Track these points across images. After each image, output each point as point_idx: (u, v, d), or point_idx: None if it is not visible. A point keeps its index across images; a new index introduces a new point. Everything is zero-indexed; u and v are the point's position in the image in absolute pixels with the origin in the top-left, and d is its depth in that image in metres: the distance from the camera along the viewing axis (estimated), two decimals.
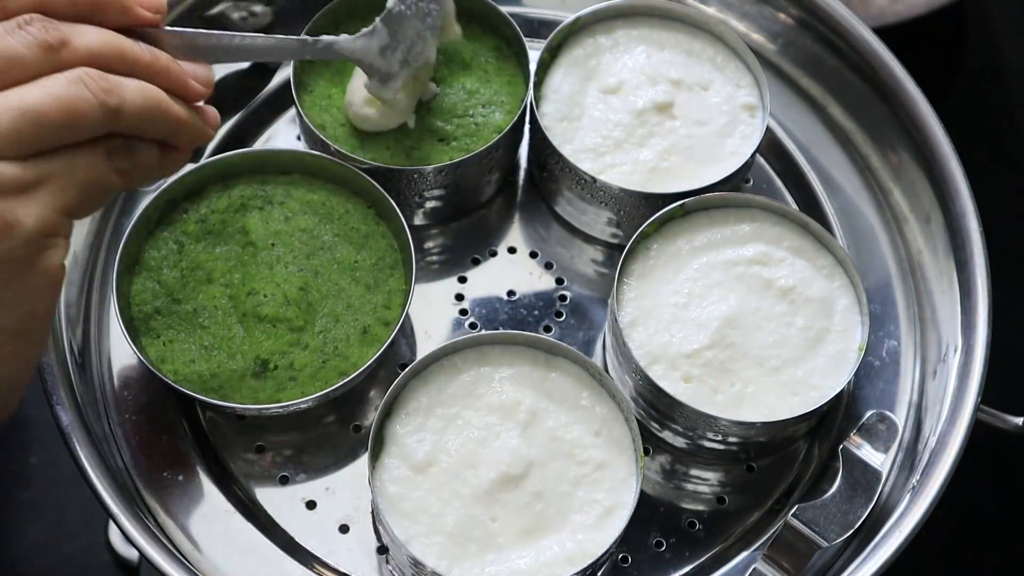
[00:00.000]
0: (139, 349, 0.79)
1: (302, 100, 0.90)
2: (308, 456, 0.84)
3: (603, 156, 0.90)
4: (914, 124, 0.93)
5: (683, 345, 0.82)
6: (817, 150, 0.99)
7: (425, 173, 0.87)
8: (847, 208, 0.96)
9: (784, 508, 0.84)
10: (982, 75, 1.32)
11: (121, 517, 0.75)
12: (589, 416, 0.80)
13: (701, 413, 0.79)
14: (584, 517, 0.77)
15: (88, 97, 0.60)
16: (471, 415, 0.79)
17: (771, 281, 0.85)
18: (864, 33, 0.96)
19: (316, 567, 0.80)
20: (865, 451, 0.81)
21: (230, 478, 0.83)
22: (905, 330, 0.91)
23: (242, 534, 0.81)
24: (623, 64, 0.93)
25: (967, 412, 0.81)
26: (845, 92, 0.98)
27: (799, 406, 0.81)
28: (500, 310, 0.90)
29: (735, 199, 0.88)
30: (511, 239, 0.94)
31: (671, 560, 0.82)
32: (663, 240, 0.87)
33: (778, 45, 1.01)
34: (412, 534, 0.75)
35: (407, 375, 0.80)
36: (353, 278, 0.84)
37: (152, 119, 0.64)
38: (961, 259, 0.88)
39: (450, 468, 0.77)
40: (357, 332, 0.82)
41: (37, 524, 1.07)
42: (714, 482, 0.85)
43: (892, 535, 0.77)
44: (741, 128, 0.92)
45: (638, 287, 0.85)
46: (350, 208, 0.86)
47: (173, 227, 0.84)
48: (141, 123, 0.63)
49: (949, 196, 0.90)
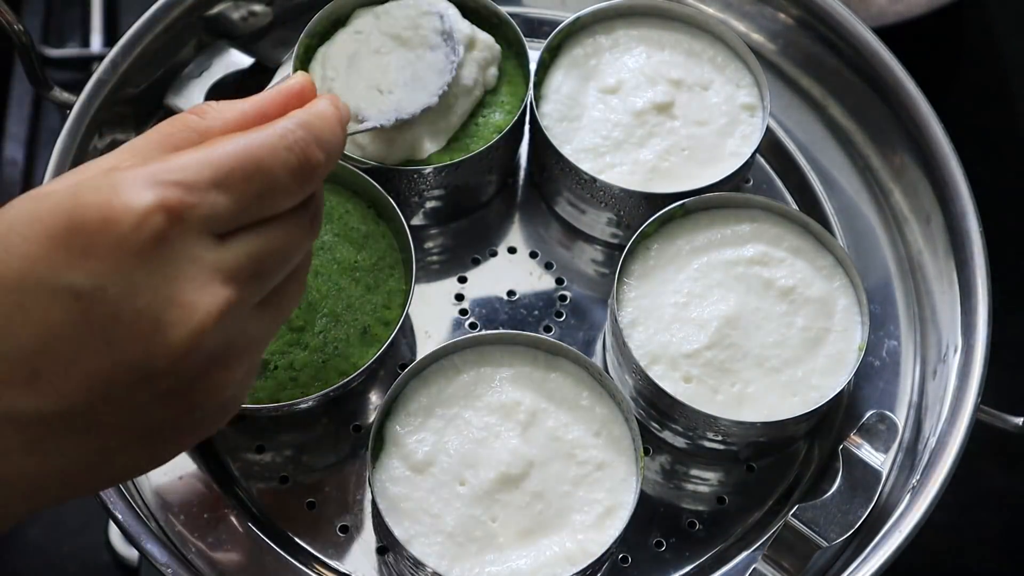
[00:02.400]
0: None
1: None
2: (308, 456, 0.84)
3: (603, 156, 0.90)
4: (914, 124, 0.93)
5: (683, 345, 0.82)
6: (817, 150, 0.99)
7: (425, 173, 0.87)
8: (847, 208, 0.96)
9: (784, 508, 0.84)
10: (982, 75, 1.32)
11: (121, 517, 0.75)
12: (589, 416, 0.80)
13: (701, 413, 0.79)
14: (584, 517, 0.77)
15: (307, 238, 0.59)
16: (471, 415, 0.79)
17: (771, 281, 0.85)
18: (864, 33, 0.96)
19: (316, 567, 0.80)
20: (865, 451, 0.81)
21: (230, 478, 0.83)
22: (905, 330, 0.91)
23: (242, 534, 0.81)
24: (623, 64, 0.93)
25: (967, 412, 0.81)
26: (845, 92, 0.98)
27: (799, 406, 0.81)
28: (500, 310, 0.90)
29: (735, 199, 0.88)
30: (511, 239, 0.94)
31: (671, 560, 0.82)
32: (663, 240, 0.87)
33: (778, 45, 1.01)
34: (412, 534, 0.75)
35: (407, 375, 0.80)
36: (353, 278, 0.84)
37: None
38: (961, 259, 0.88)
39: (450, 468, 0.77)
40: (357, 332, 0.82)
41: (37, 524, 1.07)
42: (714, 482, 0.85)
43: (892, 535, 0.77)
44: (741, 128, 0.92)
45: (638, 287, 0.85)
46: (350, 208, 0.86)
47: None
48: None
49: (949, 196, 0.90)
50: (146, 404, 0.53)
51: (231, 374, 0.55)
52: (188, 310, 0.51)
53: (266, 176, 0.54)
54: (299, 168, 0.56)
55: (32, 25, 1.28)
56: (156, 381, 0.52)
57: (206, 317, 0.52)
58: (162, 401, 0.53)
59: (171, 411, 0.54)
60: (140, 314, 0.50)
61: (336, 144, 0.59)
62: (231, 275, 0.53)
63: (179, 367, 0.52)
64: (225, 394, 0.55)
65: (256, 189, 0.54)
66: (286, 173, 0.55)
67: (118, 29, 1.29)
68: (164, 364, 0.51)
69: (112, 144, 0.91)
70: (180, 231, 0.51)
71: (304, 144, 0.56)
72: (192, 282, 0.51)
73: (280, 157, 0.55)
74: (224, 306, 0.52)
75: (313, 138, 0.56)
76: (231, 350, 0.54)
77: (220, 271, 0.53)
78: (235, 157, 0.53)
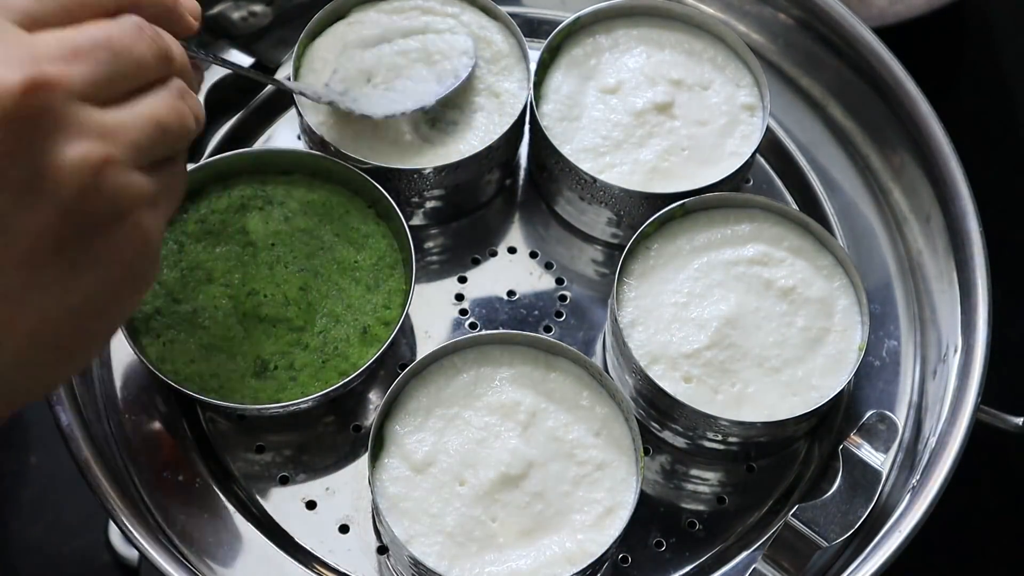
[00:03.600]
0: (139, 349, 0.79)
1: (302, 100, 0.90)
2: (308, 456, 0.84)
3: (603, 156, 0.90)
4: (914, 124, 0.93)
5: (683, 345, 0.82)
6: (817, 150, 0.99)
7: (425, 173, 0.87)
8: (847, 208, 0.96)
9: (784, 508, 0.84)
10: (982, 75, 1.32)
11: (121, 517, 0.75)
12: (589, 416, 0.80)
13: (701, 413, 0.79)
14: (584, 517, 0.77)
15: (185, 111, 0.62)
16: (471, 415, 0.79)
17: (771, 281, 0.85)
18: (864, 33, 0.96)
19: (316, 567, 0.80)
20: (865, 451, 0.81)
21: (230, 478, 0.83)
22: (905, 330, 0.91)
23: (242, 534, 0.81)
24: (623, 64, 0.93)
25: (967, 412, 0.81)
26: (845, 92, 0.98)
27: (799, 406, 0.81)
28: (500, 310, 0.90)
29: (735, 199, 0.88)
30: (511, 239, 0.94)
31: (671, 560, 0.82)
32: (663, 240, 0.87)
33: (778, 45, 1.01)
34: (412, 534, 0.75)
35: (407, 375, 0.80)
36: (353, 278, 0.84)
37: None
38: (961, 259, 0.88)
39: (450, 468, 0.77)
40: (357, 332, 0.82)
41: (37, 524, 1.07)
42: (714, 482, 0.85)
43: (892, 535, 0.77)
44: (741, 128, 0.92)
45: (638, 287, 0.85)
46: (350, 208, 0.86)
47: (173, 227, 0.84)
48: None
49: (949, 196, 0.90)
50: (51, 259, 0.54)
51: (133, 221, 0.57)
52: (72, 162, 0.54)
53: (121, 53, 0.58)
54: (136, 28, 0.59)
55: None
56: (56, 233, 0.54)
57: (83, 166, 0.54)
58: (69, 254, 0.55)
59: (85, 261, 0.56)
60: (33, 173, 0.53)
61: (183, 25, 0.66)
62: (105, 134, 0.56)
63: (71, 218, 0.54)
64: (135, 243, 0.57)
65: (114, 61, 0.57)
66: (143, 49, 0.59)
67: None
68: (54, 217, 0.53)
69: None
70: (54, 98, 0.53)
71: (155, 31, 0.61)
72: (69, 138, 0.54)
73: (127, 29, 0.59)
74: (102, 159, 0.55)
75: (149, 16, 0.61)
76: (121, 201, 0.56)
77: (94, 130, 0.55)
78: (91, 37, 0.57)
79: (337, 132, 0.88)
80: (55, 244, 0.54)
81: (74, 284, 0.56)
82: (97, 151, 0.55)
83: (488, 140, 0.88)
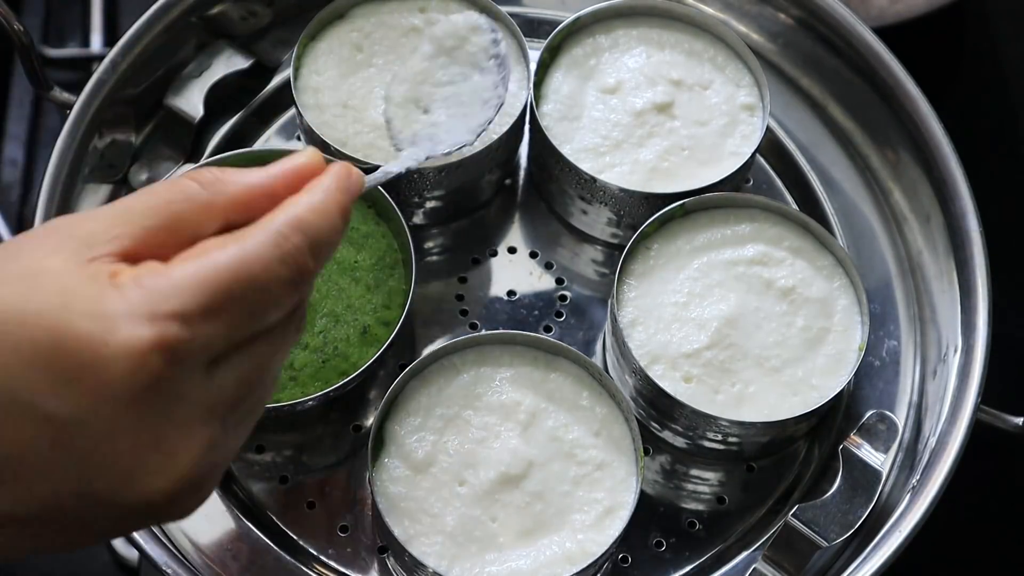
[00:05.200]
0: None
1: (302, 100, 0.90)
2: (308, 456, 0.84)
3: (603, 156, 0.90)
4: (914, 124, 0.93)
5: (683, 345, 0.82)
6: (817, 150, 0.99)
7: (425, 173, 0.87)
8: (847, 208, 0.96)
9: (784, 508, 0.84)
10: (982, 75, 1.32)
11: None
12: (589, 416, 0.80)
13: (701, 413, 0.79)
14: (584, 517, 0.77)
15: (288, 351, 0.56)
16: (471, 415, 0.79)
17: (771, 281, 0.85)
18: (864, 33, 0.95)
19: (316, 567, 0.80)
20: (865, 451, 0.81)
21: (230, 478, 0.83)
22: (905, 330, 0.91)
23: (242, 534, 0.81)
24: (623, 64, 0.93)
25: (967, 412, 0.81)
26: (845, 92, 0.98)
27: (799, 406, 0.81)
28: (500, 310, 0.90)
29: (735, 199, 0.88)
30: (511, 239, 0.94)
31: (671, 560, 0.82)
32: (663, 240, 0.87)
33: (778, 45, 1.01)
34: (412, 534, 0.75)
35: (407, 375, 0.80)
36: (353, 278, 0.84)
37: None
38: (961, 259, 0.88)
39: (450, 468, 0.77)
40: (357, 332, 0.82)
41: None
42: (714, 482, 0.85)
43: (892, 535, 0.77)
44: (741, 128, 0.92)
45: (638, 287, 0.85)
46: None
47: None
48: None
49: (949, 196, 0.90)
50: (109, 521, 0.50)
51: (200, 496, 0.52)
52: (170, 458, 0.49)
53: (260, 294, 0.50)
54: (291, 280, 0.51)
55: (32, 25, 1.28)
56: (124, 511, 0.49)
57: (188, 463, 0.49)
58: (126, 521, 0.51)
59: (134, 526, 0.53)
60: (119, 455, 0.48)
61: (334, 243, 0.54)
62: (217, 409, 0.50)
63: (150, 508, 0.50)
64: (190, 509, 0.52)
65: (249, 309, 0.50)
66: (279, 287, 0.51)
67: (118, 29, 1.29)
68: (135, 504, 0.49)
69: (112, 144, 0.91)
70: (173, 372, 0.48)
71: (299, 253, 0.51)
72: (179, 427, 0.49)
73: (274, 272, 0.50)
74: (206, 446, 0.50)
75: (308, 245, 0.52)
76: (202, 479, 0.51)
77: (206, 407, 0.50)
78: (230, 273, 0.49)
79: (337, 132, 0.89)
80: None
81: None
82: (201, 442, 0.49)
83: (488, 140, 0.88)
